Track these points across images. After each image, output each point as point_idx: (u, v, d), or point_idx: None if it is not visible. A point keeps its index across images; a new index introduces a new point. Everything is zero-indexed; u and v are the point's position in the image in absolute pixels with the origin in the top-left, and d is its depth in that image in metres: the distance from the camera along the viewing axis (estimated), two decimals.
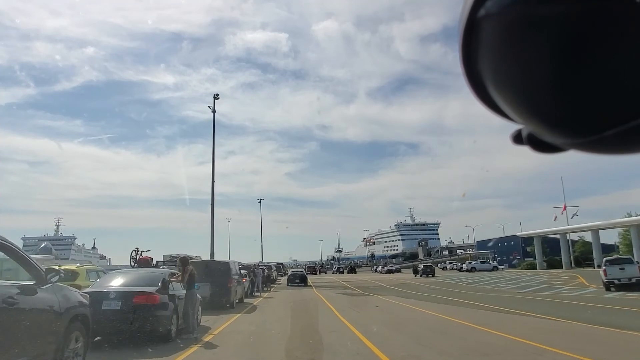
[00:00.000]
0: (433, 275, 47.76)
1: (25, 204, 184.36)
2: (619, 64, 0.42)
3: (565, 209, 53.53)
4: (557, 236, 55.54)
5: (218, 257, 28.28)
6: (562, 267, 50.14)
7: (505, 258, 68.51)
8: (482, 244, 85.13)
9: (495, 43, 0.48)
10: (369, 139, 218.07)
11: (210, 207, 28.65)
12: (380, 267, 77.78)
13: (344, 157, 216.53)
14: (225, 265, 15.82)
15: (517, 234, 63.84)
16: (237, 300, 17.39)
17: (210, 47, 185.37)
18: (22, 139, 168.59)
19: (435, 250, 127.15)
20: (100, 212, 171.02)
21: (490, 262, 60.70)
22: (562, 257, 52.48)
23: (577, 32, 0.43)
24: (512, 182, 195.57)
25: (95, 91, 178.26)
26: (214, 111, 28.96)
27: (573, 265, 51.18)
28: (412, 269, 55.08)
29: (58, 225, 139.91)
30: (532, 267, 55.22)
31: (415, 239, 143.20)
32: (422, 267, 49.50)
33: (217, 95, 29.73)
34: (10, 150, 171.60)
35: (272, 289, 28.64)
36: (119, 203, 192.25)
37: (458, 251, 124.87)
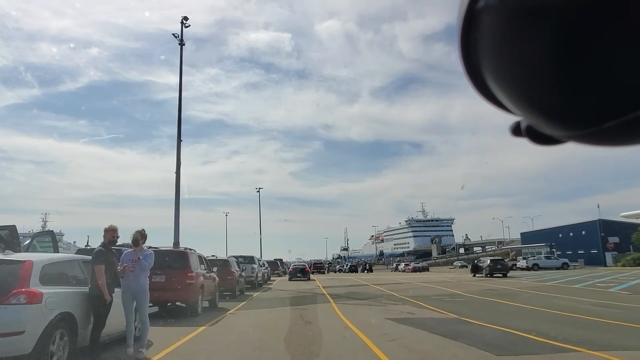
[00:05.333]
0: (505, 275, 31.01)
1: (30, 204, 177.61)
2: (619, 55, 0.41)
3: None
4: None
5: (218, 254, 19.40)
6: None
7: (570, 253, 51.61)
8: (529, 237, 68.51)
9: (494, 35, 0.47)
10: (372, 138, 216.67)
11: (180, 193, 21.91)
12: (403, 265, 62.74)
13: (348, 157, 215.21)
14: None
15: (622, 214, 46.15)
16: None
17: (213, 47, 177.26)
18: (27, 139, 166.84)
19: (451, 247, 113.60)
20: (105, 211, 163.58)
21: (556, 257, 45.05)
22: None
23: (576, 23, 0.42)
24: (516, 181, 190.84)
25: (99, 91, 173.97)
26: (181, 43, 23.42)
27: None
28: (470, 266, 38.01)
29: (45, 222, 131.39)
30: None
31: (428, 236, 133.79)
32: (489, 262, 32.22)
33: (186, 19, 23.56)
34: (15, 150, 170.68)
35: (245, 301, 14.97)
36: (123, 202, 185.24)
37: (475, 248, 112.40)
